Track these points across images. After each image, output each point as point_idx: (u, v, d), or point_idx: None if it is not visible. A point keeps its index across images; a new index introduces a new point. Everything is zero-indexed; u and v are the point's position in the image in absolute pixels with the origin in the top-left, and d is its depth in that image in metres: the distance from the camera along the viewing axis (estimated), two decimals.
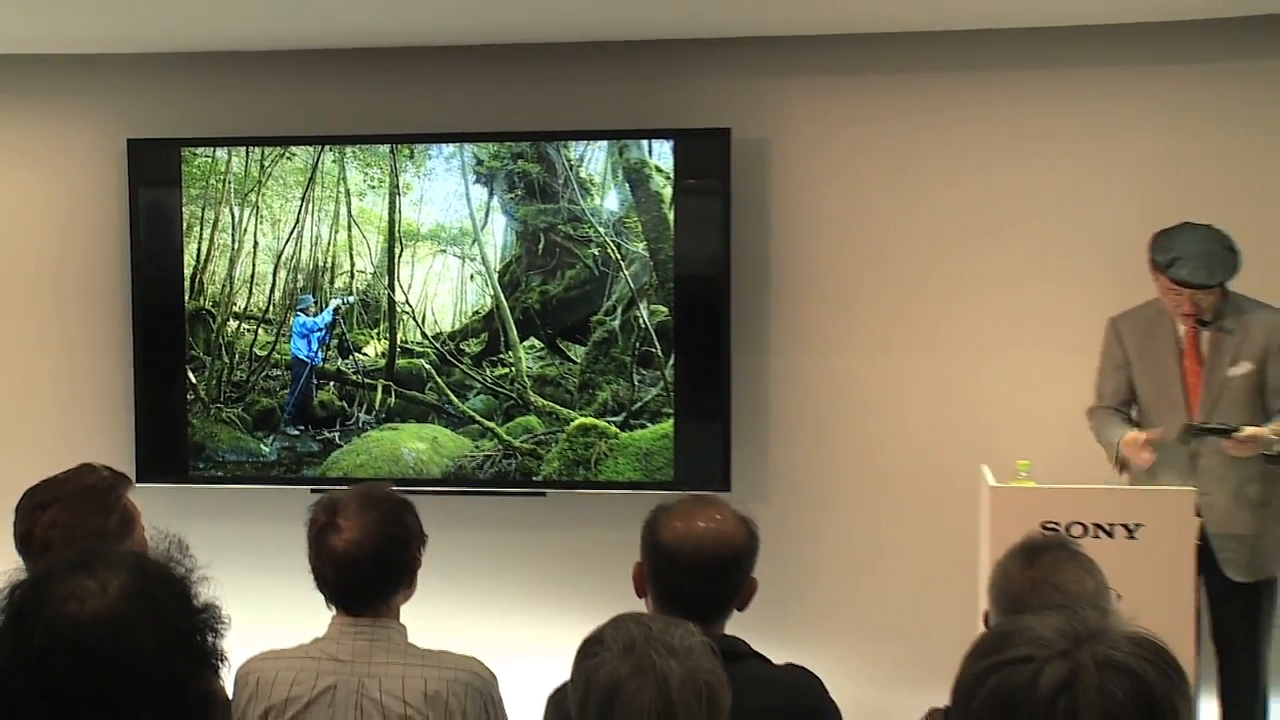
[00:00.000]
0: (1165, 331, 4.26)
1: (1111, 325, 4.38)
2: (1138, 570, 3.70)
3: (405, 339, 5.04)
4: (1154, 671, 1.45)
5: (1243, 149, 4.65)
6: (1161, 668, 1.46)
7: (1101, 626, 1.49)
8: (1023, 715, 1.43)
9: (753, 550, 2.58)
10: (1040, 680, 1.43)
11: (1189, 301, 4.10)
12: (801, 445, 4.93)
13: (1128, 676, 1.43)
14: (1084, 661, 1.44)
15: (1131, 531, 3.88)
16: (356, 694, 2.62)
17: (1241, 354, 4.16)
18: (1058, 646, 1.46)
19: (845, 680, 3.18)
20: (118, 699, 1.69)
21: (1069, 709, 1.41)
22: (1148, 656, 1.46)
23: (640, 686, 1.81)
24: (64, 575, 1.72)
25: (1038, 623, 1.51)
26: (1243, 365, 4.16)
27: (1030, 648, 1.47)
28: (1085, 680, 1.43)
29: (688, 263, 4.84)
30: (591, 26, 4.74)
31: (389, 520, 2.69)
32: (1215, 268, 4.05)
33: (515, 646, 4.15)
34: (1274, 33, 4.56)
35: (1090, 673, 1.43)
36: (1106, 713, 1.41)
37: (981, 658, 1.51)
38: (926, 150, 4.82)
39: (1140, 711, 1.42)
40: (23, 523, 2.84)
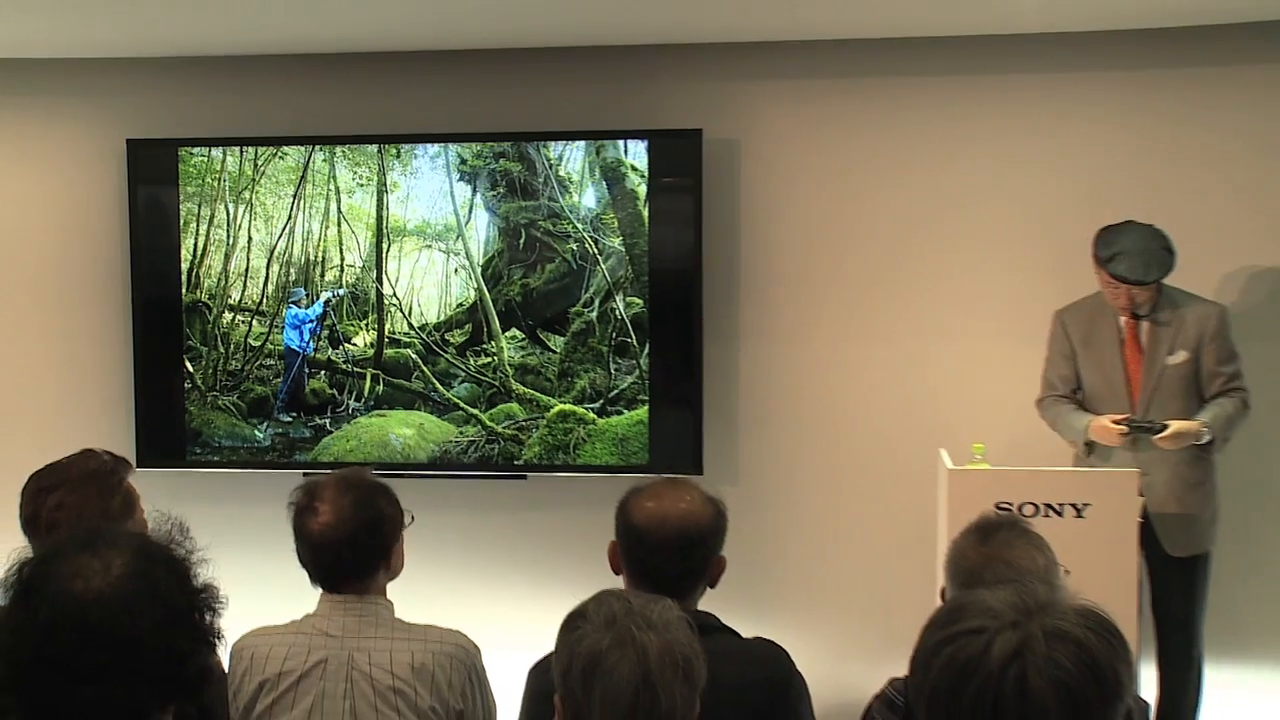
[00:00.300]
0: (1107, 323, 4.29)
1: (1057, 317, 4.41)
2: (1085, 547, 3.73)
3: (393, 330, 5.02)
4: (1098, 640, 1.46)
5: (1180, 149, 4.67)
6: (1105, 637, 1.47)
7: (1050, 599, 1.50)
8: (976, 683, 1.44)
9: (719, 529, 2.59)
10: (992, 650, 1.44)
11: (1126, 295, 4.15)
12: (770, 430, 4.94)
13: (1074, 646, 1.44)
14: (1033, 632, 1.45)
15: (1079, 511, 3.90)
16: (346, 667, 2.62)
17: (1178, 344, 4.21)
18: (1008, 618, 1.47)
19: (811, 652, 3.19)
20: (119, 672, 1.68)
21: (1019, 676, 1.42)
22: (1092, 627, 1.47)
23: (620, 658, 1.81)
24: (69, 554, 1.71)
25: (990, 596, 1.52)
26: (1179, 354, 4.21)
27: (983, 620, 1.48)
28: (1034, 649, 1.44)
29: (661, 257, 4.84)
30: (570, 32, 4.73)
31: (363, 505, 2.69)
32: (1152, 266, 4.09)
33: (498, 620, 4.15)
34: (1208, 43, 4.59)
35: (1039, 642, 1.44)
36: (1054, 680, 1.42)
37: (937, 629, 1.52)
38: (886, 150, 4.83)
39: (1085, 678, 1.43)
40: (29, 505, 2.83)
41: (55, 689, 1.68)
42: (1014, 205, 4.75)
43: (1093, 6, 4.30)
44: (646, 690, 1.80)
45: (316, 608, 2.71)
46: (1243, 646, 4.64)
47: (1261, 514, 4.65)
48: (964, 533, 2.60)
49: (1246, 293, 4.66)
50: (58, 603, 1.67)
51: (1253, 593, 4.63)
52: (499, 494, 5.02)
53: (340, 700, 2.61)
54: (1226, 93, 4.64)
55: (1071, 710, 1.42)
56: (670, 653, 1.83)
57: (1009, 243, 4.76)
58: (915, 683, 1.53)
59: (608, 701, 1.80)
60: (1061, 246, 4.57)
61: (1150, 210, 4.30)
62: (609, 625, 1.84)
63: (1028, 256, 4.73)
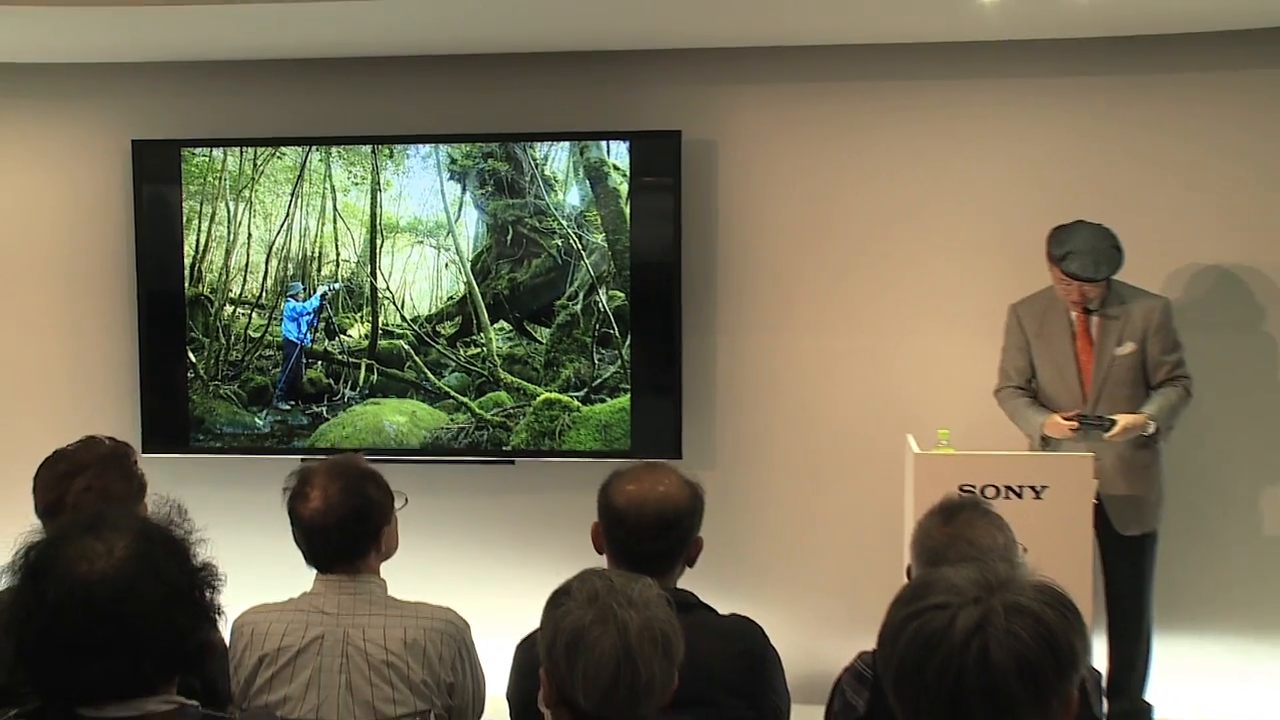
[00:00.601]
0: (1060, 316, 4.31)
1: (1012, 311, 4.42)
2: (1043, 526, 3.75)
3: (386, 322, 5.00)
4: (1055, 615, 1.47)
5: (1128, 152, 4.68)
6: (1061, 611, 1.48)
7: (1009, 576, 1.50)
8: (940, 655, 1.45)
9: (696, 511, 2.59)
10: (955, 624, 1.45)
11: (1078, 291, 4.18)
12: (746, 417, 4.95)
13: (1032, 619, 1.45)
14: (994, 607, 1.45)
15: (1038, 492, 3.92)
16: (342, 643, 2.61)
17: (1125, 335, 4.24)
18: (971, 594, 1.47)
19: (785, 627, 3.20)
20: (123, 649, 1.68)
21: (980, 649, 1.43)
22: (1049, 602, 1.48)
23: (602, 634, 1.81)
24: (74, 537, 1.71)
25: (953, 574, 1.52)
26: (1126, 345, 4.24)
27: (947, 596, 1.48)
28: (995, 623, 1.44)
29: (643, 252, 4.83)
30: (555, 38, 4.72)
31: (351, 491, 2.67)
32: (1102, 264, 4.12)
33: (487, 598, 4.14)
34: (1155, 52, 4.61)
35: (999, 616, 1.44)
36: (1013, 652, 1.43)
37: (904, 605, 1.52)
38: (857, 151, 4.83)
39: (1042, 650, 1.44)
40: (51, 490, 2.79)
41: (64, 665, 1.68)
42: (973, 205, 4.76)
43: (1048, 17, 4.31)
44: (627, 664, 1.80)
45: (313, 586, 2.70)
46: (1188, 619, 4.67)
47: (1205, 494, 4.67)
48: (929, 513, 2.60)
49: (1190, 287, 4.69)
50: (64, 584, 1.67)
51: (1197, 568, 4.66)
52: (488, 478, 5.01)
53: (336, 674, 2.60)
54: (1171, 99, 4.65)
55: (1029, 680, 1.43)
56: (650, 629, 1.83)
57: (969, 240, 4.77)
58: (883, 656, 1.54)
59: (590, 675, 1.80)
60: (1017, 244, 4.58)
61: (1099, 209, 4.32)
62: (591, 602, 1.84)
63: (986, 253, 4.74)
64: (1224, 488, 4.69)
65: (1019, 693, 1.43)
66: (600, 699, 1.80)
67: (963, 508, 2.58)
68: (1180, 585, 4.60)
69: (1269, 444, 4.69)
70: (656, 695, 1.83)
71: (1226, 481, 4.69)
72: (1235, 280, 4.68)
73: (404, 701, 2.60)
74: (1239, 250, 4.66)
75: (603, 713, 1.80)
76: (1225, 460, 4.69)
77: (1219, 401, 4.61)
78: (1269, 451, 4.69)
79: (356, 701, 2.58)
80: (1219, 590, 4.69)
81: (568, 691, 1.83)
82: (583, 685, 1.80)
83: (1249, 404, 4.68)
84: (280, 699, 2.61)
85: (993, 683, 1.42)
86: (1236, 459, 4.69)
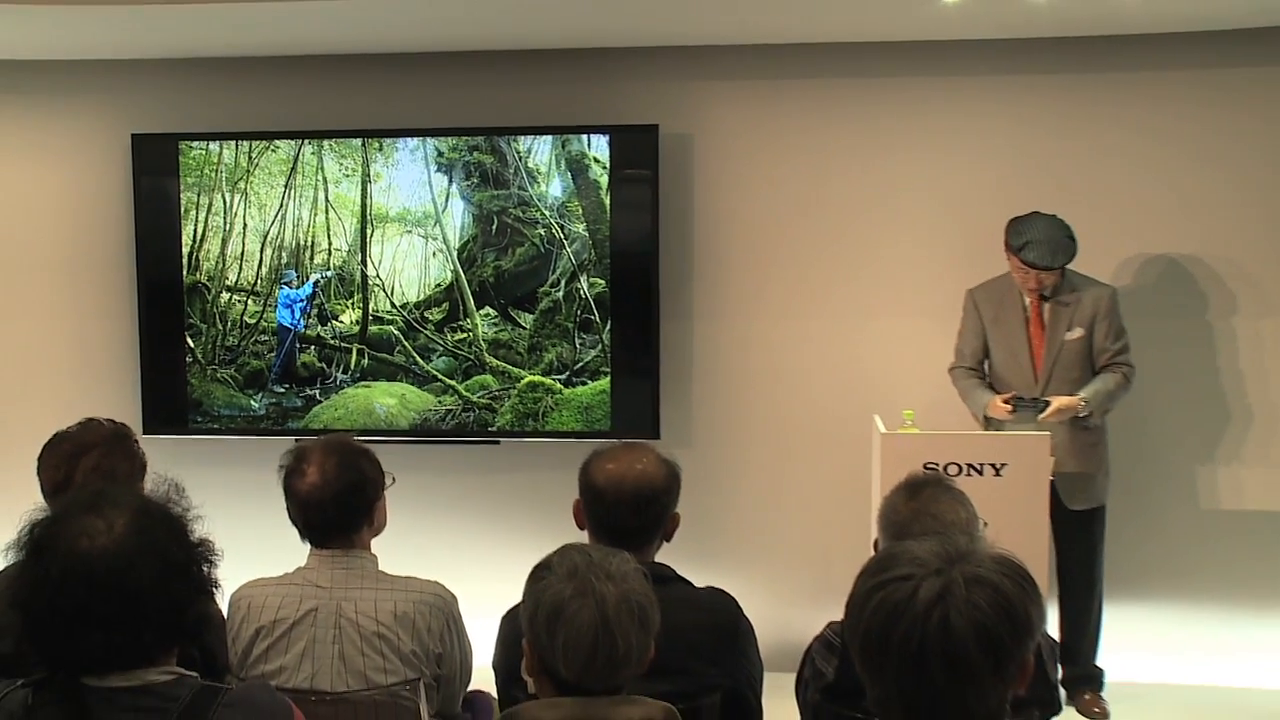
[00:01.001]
0: (1014, 302, 4.33)
1: (970, 296, 4.44)
2: (1002, 502, 3.76)
3: (376, 308, 4.98)
4: (1012, 585, 1.48)
5: (1082, 147, 4.70)
6: (1019, 581, 1.49)
7: (969, 549, 1.51)
8: (904, 624, 1.45)
9: (673, 488, 2.59)
10: (918, 594, 1.45)
11: (1035, 279, 4.20)
12: (721, 399, 4.95)
13: (990, 590, 1.46)
14: (955, 578, 1.46)
15: (998, 470, 3.93)
16: (335, 615, 2.61)
17: (1074, 321, 4.26)
18: (933, 566, 1.48)
19: (758, 599, 3.21)
20: (124, 621, 1.68)
21: (942, 618, 1.44)
22: (1007, 572, 1.49)
23: (581, 606, 1.81)
24: (76, 515, 1.71)
25: (916, 546, 1.53)
26: (1075, 330, 4.26)
27: (910, 568, 1.49)
28: (955, 594, 1.45)
29: (622, 241, 4.82)
30: (539, 36, 4.70)
31: (346, 467, 2.66)
32: (1058, 253, 4.14)
33: (473, 572, 4.13)
34: (1107, 52, 4.62)
35: (960, 587, 1.45)
36: (973, 620, 1.44)
37: (870, 577, 1.53)
38: (826, 145, 4.83)
39: (1000, 618, 1.45)
40: (58, 469, 2.77)
41: (67, 636, 1.68)
42: (936, 196, 4.77)
43: (1005, 17, 4.31)
44: (605, 635, 1.80)
45: (307, 561, 2.70)
46: (1135, 588, 4.71)
47: (1150, 471, 4.71)
48: (895, 490, 2.61)
49: (1139, 274, 4.71)
50: (67, 560, 1.67)
51: (1143, 540, 4.70)
52: (474, 458, 5.01)
53: (330, 645, 2.60)
54: (1123, 96, 4.67)
55: (988, 647, 1.44)
56: (626, 601, 1.83)
57: (933, 229, 4.78)
58: (850, 625, 1.54)
59: (570, 646, 1.80)
60: (976, 233, 4.59)
61: (1053, 201, 4.36)
62: (571, 576, 1.84)
63: (948, 242, 4.75)
64: (1166, 465, 4.73)
65: (978, 658, 1.44)
66: (580, 668, 1.80)
67: (926, 484, 2.59)
68: (1128, 556, 4.64)
69: (1207, 424, 4.73)
70: (633, 664, 1.83)
71: (1169, 459, 4.73)
72: (1181, 269, 4.70)
73: (394, 671, 2.60)
74: (1186, 240, 4.69)
75: (582, 681, 1.81)
76: (1168, 439, 4.73)
77: (1163, 384, 4.65)
78: (1208, 431, 4.73)
79: (349, 671, 2.58)
80: (1163, 560, 4.73)
81: (549, 661, 1.83)
82: (563, 656, 1.80)
83: (1190, 386, 4.72)
84: (276, 669, 2.60)
85: (953, 649, 1.43)
86: (1178, 438, 4.73)
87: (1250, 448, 4.70)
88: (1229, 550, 4.70)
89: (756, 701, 2.61)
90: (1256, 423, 4.69)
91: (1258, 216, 4.66)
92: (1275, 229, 4.65)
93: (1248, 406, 4.69)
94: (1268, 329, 4.68)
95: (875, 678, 1.50)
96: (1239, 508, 4.71)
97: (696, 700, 2.44)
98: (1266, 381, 4.68)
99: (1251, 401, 4.69)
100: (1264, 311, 4.67)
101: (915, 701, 1.47)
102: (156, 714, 1.69)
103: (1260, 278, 4.67)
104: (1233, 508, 4.72)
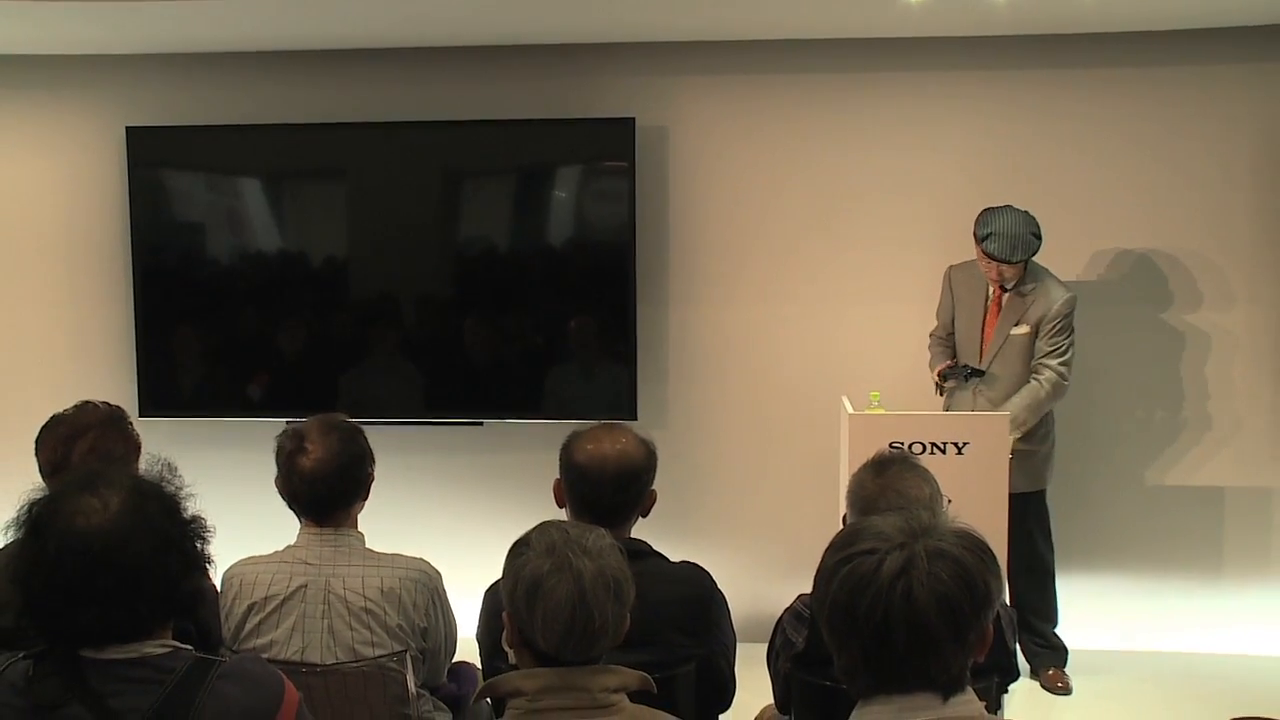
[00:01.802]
0: (981, 288, 4.36)
1: (948, 272, 4.49)
2: (964, 479, 3.80)
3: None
4: (972, 558, 1.50)
5: (1049, 141, 4.71)
6: (979, 554, 1.51)
7: (932, 524, 1.53)
8: (869, 596, 1.47)
9: (651, 466, 2.59)
10: (883, 567, 1.47)
11: (996, 270, 4.22)
12: (695, 381, 4.96)
13: (951, 562, 1.48)
14: (917, 551, 1.48)
15: (960, 449, 3.96)
16: (324, 591, 2.61)
17: (1024, 318, 4.26)
18: (897, 540, 1.50)
19: (731, 572, 3.21)
20: (119, 596, 1.68)
21: (905, 589, 1.46)
22: (968, 546, 1.51)
23: (559, 581, 1.82)
24: (72, 494, 1.71)
25: (881, 521, 1.54)
26: (1022, 327, 4.27)
27: (875, 542, 1.50)
28: (918, 566, 1.47)
29: (601, 230, 4.81)
30: (519, 33, 4.69)
31: (347, 441, 2.67)
32: (1019, 247, 4.15)
33: (457, 548, 4.13)
34: (1075, 49, 4.64)
35: (922, 560, 1.47)
36: (934, 592, 1.46)
37: (837, 551, 1.54)
38: (798, 137, 4.83)
39: (961, 589, 1.47)
40: (55, 451, 2.77)
41: (65, 611, 1.68)
42: (905, 187, 4.78)
43: (971, 15, 4.32)
44: (582, 609, 1.80)
45: (297, 539, 2.69)
46: (1088, 562, 4.76)
47: (1100, 451, 4.75)
48: (862, 467, 2.62)
49: (1091, 264, 4.73)
50: (64, 538, 1.67)
51: (1094, 516, 4.75)
52: (459, 439, 5.00)
53: (319, 620, 2.60)
54: (1094, 93, 4.68)
55: (949, 616, 1.46)
56: (602, 576, 1.83)
57: (899, 218, 4.79)
58: (818, 596, 1.55)
59: (548, 619, 1.81)
60: (942, 222, 4.61)
61: (1023, 193, 4.38)
62: (549, 552, 1.84)
63: (916, 232, 4.77)
64: (1117, 442, 4.77)
65: (939, 627, 1.46)
66: (558, 641, 1.81)
67: (893, 462, 2.60)
68: (1081, 529, 4.69)
69: (1152, 406, 4.77)
70: (609, 636, 1.84)
71: (1119, 436, 4.77)
72: (1130, 258, 4.73)
73: (381, 644, 2.60)
74: (1137, 231, 4.71)
75: (561, 653, 1.81)
76: (1115, 421, 4.77)
77: (1112, 369, 4.70)
78: (1152, 413, 4.77)
79: (338, 644, 2.58)
80: (1114, 533, 4.78)
81: (528, 633, 1.83)
82: (542, 628, 1.81)
83: (1136, 370, 4.76)
84: (267, 643, 2.60)
85: (916, 619, 1.45)
86: (1124, 420, 4.78)
87: (1191, 428, 4.75)
88: (1173, 524, 4.76)
89: (730, 671, 2.63)
90: (1197, 405, 4.74)
91: (1207, 210, 4.69)
92: (1223, 222, 4.69)
93: (1189, 389, 4.74)
94: (1209, 317, 4.72)
95: (842, 647, 1.52)
96: (1183, 484, 4.76)
97: (672, 670, 2.46)
98: (1207, 366, 4.73)
99: (1193, 385, 4.74)
100: (1206, 301, 4.71)
101: (880, 669, 1.49)
102: (153, 685, 1.69)
103: (1204, 268, 4.71)
104: (1177, 484, 4.77)
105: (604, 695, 1.80)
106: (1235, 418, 4.73)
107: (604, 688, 1.80)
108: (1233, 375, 4.72)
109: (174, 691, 1.69)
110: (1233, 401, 4.73)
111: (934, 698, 1.49)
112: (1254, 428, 4.73)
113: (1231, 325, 4.71)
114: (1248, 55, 4.60)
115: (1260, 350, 4.70)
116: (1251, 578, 4.75)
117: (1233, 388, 4.72)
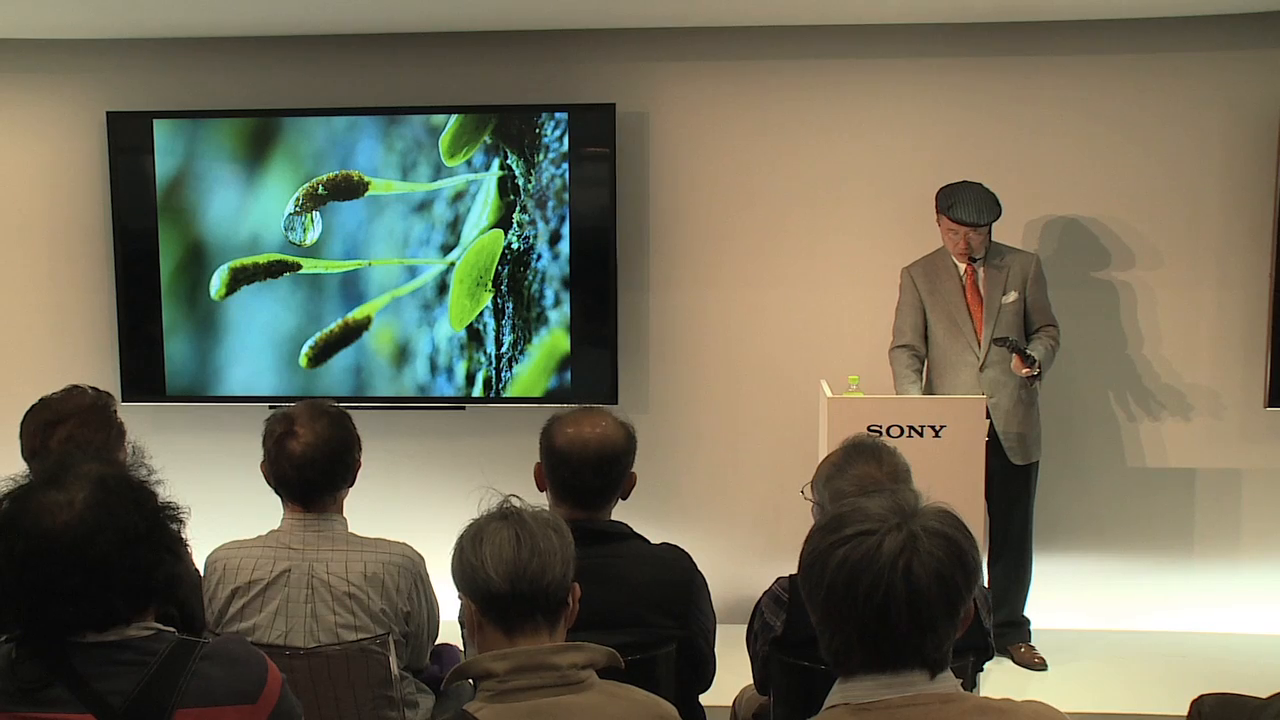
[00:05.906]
0: (949, 272, 4.36)
1: (905, 273, 4.44)
2: (941, 461, 3.82)
3: None
4: (961, 535, 1.54)
5: (1024, 126, 4.72)
6: (964, 532, 1.56)
7: (917, 505, 1.56)
8: (870, 576, 1.49)
9: (631, 450, 2.59)
10: (884, 547, 1.50)
11: (964, 240, 4.23)
12: (676, 365, 4.96)
13: (945, 539, 1.52)
14: (915, 530, 1.51)
15: (937, 431, 3.97)
16: (307, 575, 2.60)
17: (1009, 285, 4.31)
18: (892, 521, 1.52)
19: (710, 555, 3.22)
20: (93, 590, 1.68)
21: (906, 568, 1.48)
22: (953, 524, 1.55)
23: (501, 525, 1.89)
24: (38, 491, 1.71)
25: (869, 504, 1.56)
26: (1010, 294, 4.31)
27: (870, 523, 1.52)
28: (919, 545, 1.50)
29: (581, 215, 4.80)
30: (501, 18, 4.66)
31: (336, 426, 2.66)
32: (984, 210, 4.20)
33: (440, 532, 4.13)
34: (1030, 36, 4.65)
35: (923, 538, 1.51)
36: (933, 569, 1.50)
37: (828, 534, 1.55)
38: (778, 122, 4.82)
39: (955, 565, 1.52)
40: (35, 437, 2.75)
41: (41, 607, 1.67)
42: (879, 171, 4.78)
43: (951, 2, 4.32)
44: (525, 535, 1.86)
45: (280, 524, 2.68)
46: (1062, 540, 4.78)
47: (1076, 430, 4.77)
48: (838, 449, 2.62)
49: (1065, 245, 4.75)
50: (30, 537, 1.67)
51: (1069, 496, 4.77)
52: (441, 423, 4.99)
53: (302, 604, 2.59)
54: (1070, 80, 4.69)
55: (945, 592, 1.50)
56: (539, 516, 1.92)
57: (876, 203, 4.79)
58: (811, 580, 1.55)
59: (495, 554, 1.85)
60: (915, 207, 4.61)
61: (1000, 178, 4.41)
62: (490, 515, 1.93)
63: (892, 215, 4.77)
64: (1092, 425, 4.79)
65: (938, 603, 1.49)
66: (510, 573, 1.84)
67: (867, 445, 2.61)
68: (1055, 511, 4.72)
69: (1130, 386, 4.79)
70: (558, 565, 1.87)
71: (1094, 419, 4.79)
72: (1104, 239, 4.75)
73: (364, 628, 2.59)
74: (1110, 212, 4.73)
75: (516, 586, 1.84)
76: (1093, 401, 4.79)
77: (1090, 349, 4.72)
78: (1130, 393, 4.79)
79: (321, 628, 2.57)
80: (1088, 515, 4.81)
81: (481, 580, 1.84)
82: (492, 565, 1.84)
83: (1115, 351, 4.77)
84: (250, 626, 2.59)
85: (917, 596, 1.48)
86: (1102, 399, 4.80)
87: (1170, 409, 4.78)
88: (1144, 506, 4.79)
89: (710, 652, 2.63)
90: (1169, 387, 4.77)
91: (1180, 194, 4.70)
92: (1195, 207, 4.71)
93: (1160, 371, 4.76)
94: (1186, 296, 4.74)
95: (836, 629, 1.52)
96: (1160, 465, 4.79)
97: (652, 651, 2.46)
98: (1185, 345, 4.75)
99: (1171, 365, 4.76)
100: (1179, 284, 4.73)
101: (876, 648, 1.50)
102: (136, 666, 1.68)
103: (1177, 252, 4.72)
104: (1154, 465, 4.80)
105: (573, 672, 1.81)
106: (1206, 400, 4.76)
107: (572, 664, 1.81)
108: (1203, 358, 4.75)
109: (157, 673, 1.68)
110: (1204, 383, 4.76)
111: (923, 674, 1.51)
112: (1225, 409, 4.76)
113: (1204, 308, 4.74)
114: (1220, 43, 4.62)
115: (1232, 333, 4.73)
116: (1222, 558, 4.79)
117: (1204, 370, 4.75)
